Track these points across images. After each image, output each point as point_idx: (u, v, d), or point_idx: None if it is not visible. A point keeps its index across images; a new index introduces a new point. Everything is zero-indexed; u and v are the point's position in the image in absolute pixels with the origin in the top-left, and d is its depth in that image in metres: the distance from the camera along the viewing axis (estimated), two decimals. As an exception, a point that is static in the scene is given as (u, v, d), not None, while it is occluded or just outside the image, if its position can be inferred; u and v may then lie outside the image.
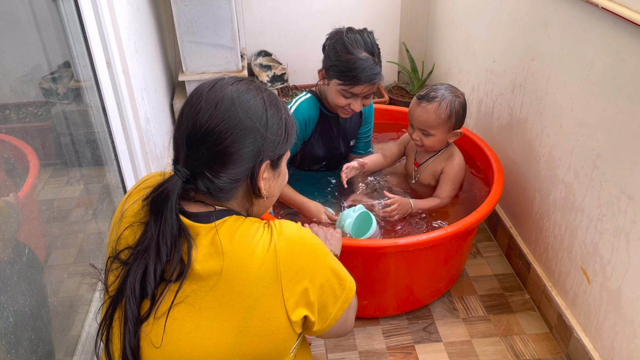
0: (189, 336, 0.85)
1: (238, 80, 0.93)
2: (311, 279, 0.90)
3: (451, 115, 1.68)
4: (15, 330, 1.05)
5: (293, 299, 0.88)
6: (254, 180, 0.92)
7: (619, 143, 1.33)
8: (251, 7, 2.81)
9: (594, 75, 1.40)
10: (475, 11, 2.19)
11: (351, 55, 1.58)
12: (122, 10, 1.86)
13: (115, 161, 1.76)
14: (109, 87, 1.68)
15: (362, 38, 1.61)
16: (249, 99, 0.90)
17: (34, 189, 1.29)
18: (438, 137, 1.72)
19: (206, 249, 0.86)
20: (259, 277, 0.85)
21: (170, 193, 0.86)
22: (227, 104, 0.88)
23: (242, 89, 0.91)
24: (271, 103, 0.93)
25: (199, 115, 0.87)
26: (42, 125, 1.48)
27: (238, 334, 0.85)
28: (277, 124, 0.92)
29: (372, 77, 1.58)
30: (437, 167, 1.81)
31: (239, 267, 0.85)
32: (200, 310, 0.85)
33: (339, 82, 1.61)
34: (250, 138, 0.88)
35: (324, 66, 1.67)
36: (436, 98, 1.68)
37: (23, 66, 1.38)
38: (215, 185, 0.89)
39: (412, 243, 1.52)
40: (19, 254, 1.17)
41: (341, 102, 1.65)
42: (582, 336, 1.53)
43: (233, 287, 0.85)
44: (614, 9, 1.26)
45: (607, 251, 1.41)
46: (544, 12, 1.63)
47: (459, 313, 1.78)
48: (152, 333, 0.86)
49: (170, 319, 0.85)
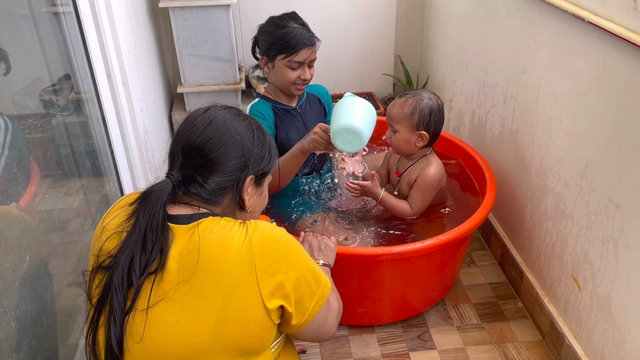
0: (170, 330, 0.90)
1: (229, 107, 1.07)
2: (286, 272, 0.96)
3: (414, 112, 1.65)
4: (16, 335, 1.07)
5: (268, 289, 0.93)
6: (239, 191, 1.03)
7: (606, 153, 1.37)
8: (249, 21, 2.86)
9: (582, 87, 1.44)
10: (468, 25, 2.24)
11: (285, 28, 1.69)
12: (123, 23, 1.90)
13: (115, 172, 1.79)
14: (109, 99, 1.72)
15: (287, 15, 1.74)
16: (239, 121, 1.04)
17: (34, 198, 1.31)
18: (402, 135, 1.68)
19: (184, 246, 0.93)
20: (235, 267, 0.91)
21: (161, 192, 0.95)
22: (219, 122, 1.02)
23: (233, 113, 1.05)
24: (257, 128, 1.07)
25: (194, 130, 1.01)
26: (43, 137, 1.50)
27: (217, 323, 0.90)
28: (262, 144, 1.06)
29: (311, 39, 1.70)
30: (412, 176, 1.76)
31: (216, 259, 0.91)
32: (181, 304, 0.90)
33: (283, 55, 1.69)
34: (238, 151, 1.01)
35: (263, 52, 1.75)
36: (407, 95, 1.70)
37: (25, 78, 1.42)
38: (205, 189, 0.99)
39: (406, 251, 1.55)
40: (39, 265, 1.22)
41: (291, 76, 1.72)
42: (573, 343, 1.56)
43: (210, 278, 0.90)
44: (600, 23, 1.31)
45: (596, 259, 1.44)
46: (533, 26, 1.68)
47: (453, 321, 1.81)
48: (134, 328, 0.90)
49: (152, 315, 0.90)
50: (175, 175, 0.99)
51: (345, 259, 1.57)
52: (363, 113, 1.56)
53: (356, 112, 1.55)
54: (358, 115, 1.54)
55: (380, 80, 3.07)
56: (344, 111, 1.56)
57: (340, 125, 1.53)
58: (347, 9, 2.90)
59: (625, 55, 1.25)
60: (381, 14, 2.94)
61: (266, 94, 1.86)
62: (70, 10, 1.54)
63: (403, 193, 1.82)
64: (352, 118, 1.53)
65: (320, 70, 1.82)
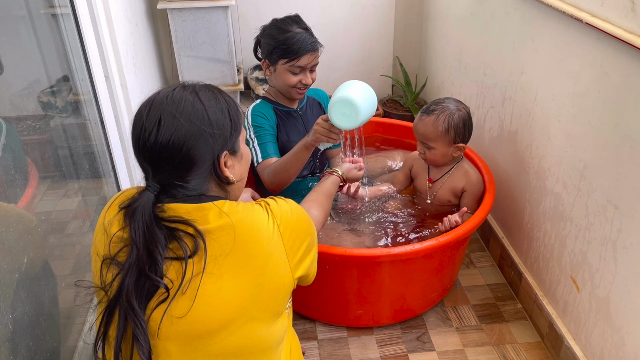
0: (212, 299, 0.92)
1: (171, 90, 0.99)
2: (306, 247, 1.05)
3: (449, 128, 1.68)
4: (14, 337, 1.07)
5: (294, 261, 1.02)
6: (218, 173, 1.00)
7: (604, 154, 1.37)
8: (247, 22, 2.86)
9: (580, 88, 1.44)
10: (467, 26, 2.24)
11: (288, 32, 1.68)
12: (121, 25, 1.89)
13: (113, 173, 1.79)
14: (107, 101, 1.71)
15: (291, 19, 1.73)
16: (187, 106, 0.96)
17: (32, 200, 1.31)
18: (439, 151, 1.73)
19: (217, 221, 0.94)
20: (267, 239, 0.97)
21: (145, 207, 0.93)
22: (168, 118, 0.94)
23: (177, 98, 0.97)
24: (208, 99, 0.98)
25: (147, 137, 0.94)
26: (41, 138, 1.50)
27: (255, 287, 0.95)
28: (221, 117, 0.98)
29: (313, 45, 1.69)
30: (456, 185, 1.80)
31: (250, 236, 0.95)
32: (220, 275, 0.93)
33: (285, 60, 1.69)
34: (201, 141, 0.95)
35: (265, 55, 1.75)
36: (435, 111, 1.70)
37: (23, 80, 1.41)
38: (187, 189, 0.97)
39: (405, 252, 1.55)
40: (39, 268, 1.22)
41: (292, 80, 1.72)
42: (572, 344, 1.56)
43: (247, 250, 0.95)
44: (598, 25, 1.31)
45: (595, 260, 1.44)
46: (531, 27, 1.68)
47: (452, 322, 1.80)
48: (176, 308, 0.91)
49: (192, 289, 0.91)
50: (153, 185, 0.96)
51: (344, 261, 1.57)
52: (361, 90, 1.54)
53: (354, 89, 1.54)
54: (356, 91, 1.53)
55: (379, 81, 3.07)
56: (342, 88, 1.56)
57: (336, 97, 1.52)
58: (346, 10, 2.90)
59: (624, 56, 1.25)
60: (380, 16, 2.94)
61: (267, 95, 1.86)
62: (68, 11, 1.53)
63: (441, 199, 1.84)
64: (349, 92, 1.52)
65: (319, 71, 1.81)
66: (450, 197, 1.82)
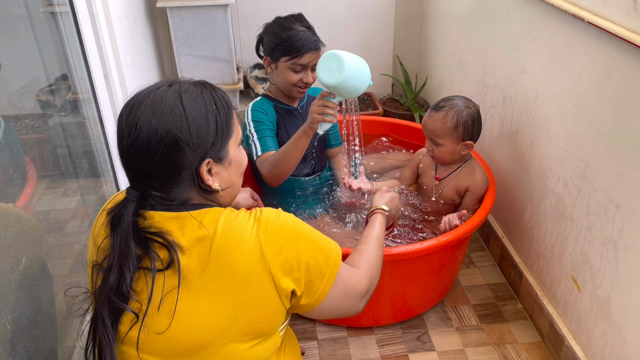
0: (188, 317, 0.89)
1: (156, 88, 0.92)
2: (295, 256, 0.94)
3: (458, 125, 1.68)
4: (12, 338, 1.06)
5: (279, 275, 0.92)
6: (199, 182, 0.94)
7: (606, 153, 1.36)
8: (247, 21, 2.85)
9: (581, 87, 1.44)
10: (467, 25, 2.24)
11: (291, 30, 1.68)
12: (120, 23, 1.89)
13: (112, 172, 1.78)
14: (106, 99, 1.71)
15: (294, 17, 1.73)
16: (165, 111, 0.88)
17: (31, 199, 1.30)
18: (448, 148, 1.72)
19: (195, 232, 0.90)
20: (248, 255, 0.90)
21: (125, 215, 0.90)
22: (144, 123, 0.88)
23: (158, 100, 0.89)
24: (192, 102, 0.90)
25: (124, 141, 0.90)
26: (40, 137, 1.50)
27: (234, 308, 0.90)
28: (203, 123, 0.90)
29: (315, 44, 1.69)
30: (461, 183, 1.79)
31: (229, 249, 0.89)
32: (196, 292, 0.89)
33: (287, 57, 1.68)
34: (175, 150, 0.89)
35: (267, 53, 1.74)
36: (444, 107, 1.70)
37: (21, 79, 1.41)
38: (166, 200, 0.93)
39: (405, 252, 1.54)
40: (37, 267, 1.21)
41: (293, 79, 1.71)
42: (573, 344, 1.55)
43: (224, 266, 0.89)
44: (600, 24, 1.30)
45: (596, 260, 1.43)
46: (532, 26, 1.67)
47: (452, 322, 1.80)
48: (154, 323, 0.89)
49: (168, 304, 0.89)
50: (132, 192, 0.92)
51: (344, 260, 1.56)
52: (351, 54, 1.49)
53: (345, 51, 1.49)
54: (345, 52, 1.49)
55: (379, 80, 3.07)
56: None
57: (326, 54, 1.49)
58: (346, 9, 2.89)
59: (625, 55, 1.24)
60: (380, 14, 2.93)
61: (268, 92, 1.85)
62: (67, 10, 1.53)
63: (446, 197, 1.83)
64: (338, 50, 1.48)
65: (319, 70, 1.81)
66: (454, 196, 1.82)
